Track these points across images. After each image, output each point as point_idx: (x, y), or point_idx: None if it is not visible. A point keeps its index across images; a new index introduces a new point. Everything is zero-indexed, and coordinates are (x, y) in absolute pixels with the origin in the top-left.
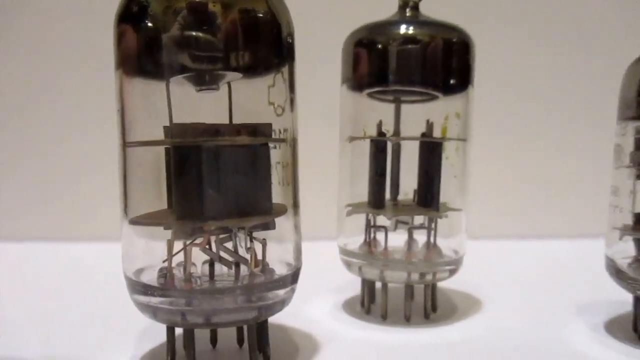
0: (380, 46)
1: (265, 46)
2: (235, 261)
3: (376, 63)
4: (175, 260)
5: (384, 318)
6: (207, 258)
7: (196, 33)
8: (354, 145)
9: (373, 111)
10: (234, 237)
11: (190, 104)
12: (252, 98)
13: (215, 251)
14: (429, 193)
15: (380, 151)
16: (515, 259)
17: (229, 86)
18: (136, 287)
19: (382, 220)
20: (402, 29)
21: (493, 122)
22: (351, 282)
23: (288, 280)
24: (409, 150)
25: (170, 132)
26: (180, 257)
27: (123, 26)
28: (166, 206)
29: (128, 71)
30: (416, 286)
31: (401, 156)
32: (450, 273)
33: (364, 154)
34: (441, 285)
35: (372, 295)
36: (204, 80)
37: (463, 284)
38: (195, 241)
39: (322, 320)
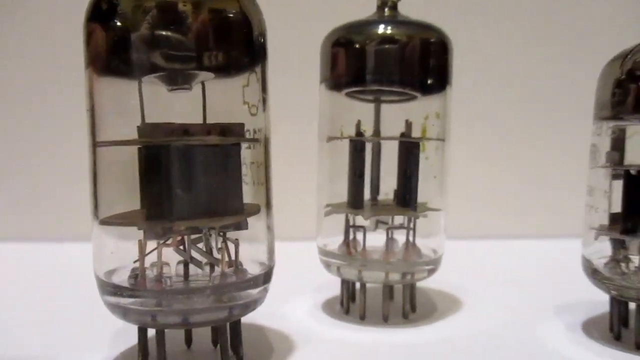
0: (357, 46)
1: (236, 46)
2: (207, 261)
3: (354, 63)
4: (150, 261)
5: (362, 318)
6: (182, 258)
7: (166, 32)
8: (333, 145)
9: (351, 111)
10: (206, 237)
11: (164, 104)
12: (227, 98)
13: (187, 251)
14: (408, 193)
15: (358, 151)
16: (495, 259)
17: (203, 86)
18: (106, 288)
19: (362, 220)
20: (380, 29)
21: (473, 123)
22: (332, 282)
23: (260, 280)
24: (390, 150)
25: (139, 132)
26: (154, 258)
27: (92, 24)
28: (140, 206)
29: (97, 70)
30: (397, 286)
31: (382, 156)
32: (429, 273)
33: (343, 154)
34: (421, 285)
35: (352, 295)
36: (176, 80)
37: (443, 284)
38: (167, 241)
39: (301, 320)
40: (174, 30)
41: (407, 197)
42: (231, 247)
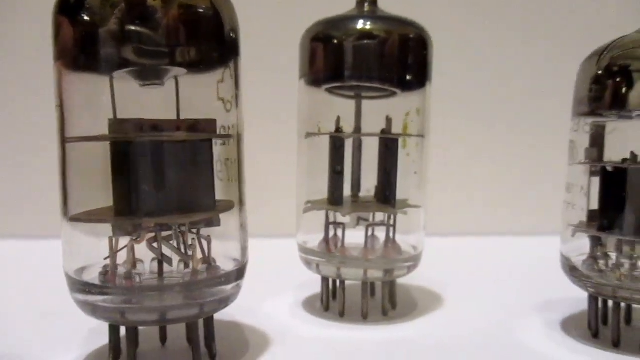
0: (336, 41)
1: (206, 41)
2: (179, 258)
3: (333, 58)
4: (122, 258)
5: (342, 315)
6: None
7: (134, 27)
8: (313, 141)
9: (331, 107)
10: (176, 234)
11: (137, 100)
12: (199, 94)
13: (158, 248)
14: (387, 190)
15: (338, 148)
16: (476, 256)
17: (176, 82)
18: (76, 286)
19: (342, 217)
20: (359, 24)
21: (452, 120)
22: (315, 280)
23: (233, 276)
24: (371, 146)
25: (109, 128)
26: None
27: (60, 18)
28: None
29: (66, 64)
30: (377, 283)
31: (364, 153)
32: (408, 270)
33: (323, 150)
34: (402, 281)
35: (333, 292)
36: (146, 75)
37: (424, 281)
38: (137, 239)
39: (280, 317)
40: (143, 25)
41: (387, 194)
42: (204, 244)
